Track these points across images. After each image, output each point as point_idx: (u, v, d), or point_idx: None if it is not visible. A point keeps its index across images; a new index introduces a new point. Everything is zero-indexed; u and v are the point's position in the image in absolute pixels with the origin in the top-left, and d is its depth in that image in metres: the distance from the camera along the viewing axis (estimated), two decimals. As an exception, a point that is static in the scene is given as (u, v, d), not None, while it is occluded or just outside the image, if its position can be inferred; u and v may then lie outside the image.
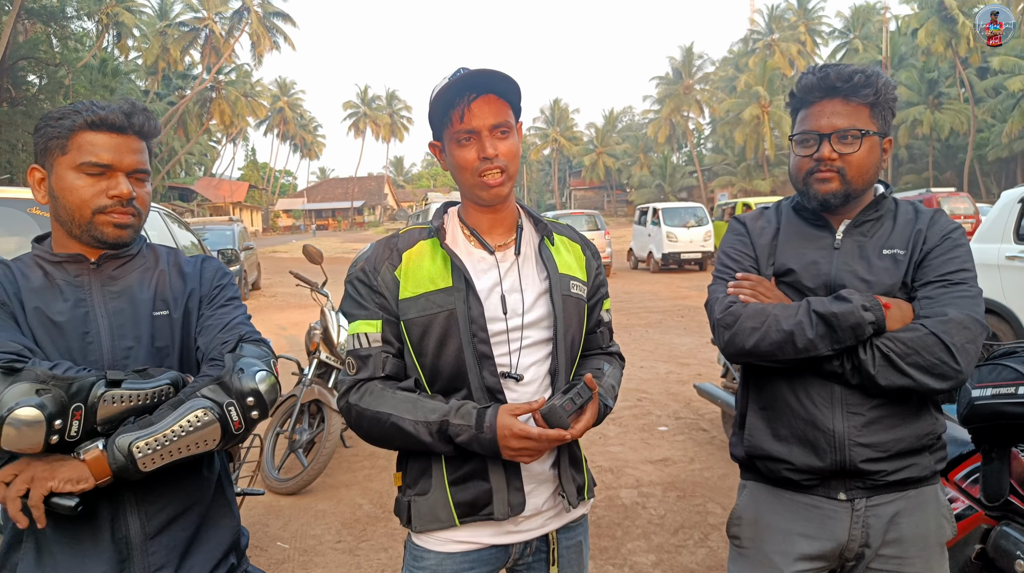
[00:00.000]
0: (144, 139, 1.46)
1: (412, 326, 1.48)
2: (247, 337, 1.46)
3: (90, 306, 1.43)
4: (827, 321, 1.49)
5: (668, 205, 21.58)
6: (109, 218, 1.41)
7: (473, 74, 1.42)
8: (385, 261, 1.53)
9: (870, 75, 1.58)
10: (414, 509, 1.52)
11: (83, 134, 1.39)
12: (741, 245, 1.75)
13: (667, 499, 4.32)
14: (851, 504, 1.61)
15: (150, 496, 1.39)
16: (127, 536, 1.37)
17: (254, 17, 45.17)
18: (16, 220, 4.16)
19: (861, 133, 1.57)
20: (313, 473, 4.49)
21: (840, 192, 1.60)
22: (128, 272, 1.49)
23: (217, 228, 16.53)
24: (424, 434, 1.42)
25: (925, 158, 47.67)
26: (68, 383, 1.21)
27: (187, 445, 1.26)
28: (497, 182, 1.47)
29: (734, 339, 1.59)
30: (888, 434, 1.57)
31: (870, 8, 53.55)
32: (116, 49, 41.00)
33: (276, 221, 66.91)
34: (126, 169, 1.42)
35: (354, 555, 3.72)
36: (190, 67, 50.19)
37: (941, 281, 1.54)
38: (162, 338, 1.47)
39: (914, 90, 44.18)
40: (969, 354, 1.46)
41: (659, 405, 6.48)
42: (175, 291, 1.52)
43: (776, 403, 1.67)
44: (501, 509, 1.47)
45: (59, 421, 1.18)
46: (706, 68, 56.77)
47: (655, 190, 53.59)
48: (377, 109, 75.21)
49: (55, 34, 24.40)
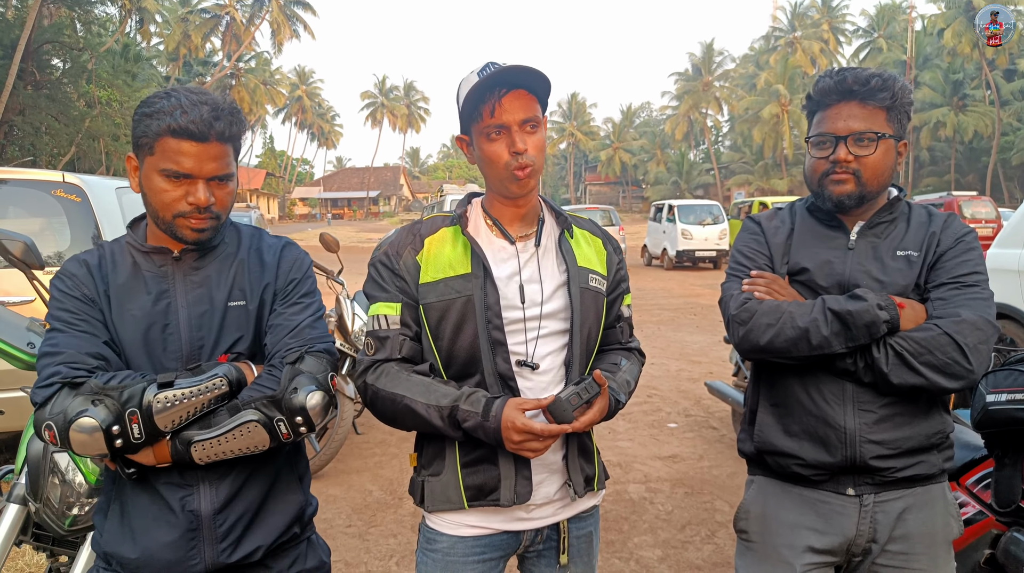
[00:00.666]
0: (228, 143, 1.48)
1: (430, 310, 1.52)
2: (311, 347, 1.50)
3: (172, 297, 1.49)
4: (842, 319, 1.51)
5: (684, 202, 21.51)
6: (188, 222, 1.46)
7: (505, 70, 1.44)
8: (408, 246, 1.56)
9: (887, 79, 1.60)
10: (427, 489, 1.56)
11: (167, 140, 1.41)
12: (756, 243, 1.77)
13: (675, 495, 4.33)
14: (859, 499, 1.64)
15: (218, 474, 1.48)
16: (197, 509, 1.46)
17: (275, 5, 45.33)
18: (41, 202, 4.22)
19: (877, 136, 1.59)
20: (325, 458, 4.54)
21: (855, 194, 1.62)
22: (208, 262, 1.54)
23: (234, 215, 16.63)
24: (435, 418, 1.45)
25: (947, 160, 47.12)
26: (120, 392, 1.34)
27: (238, 448, 1.40)
28: (526, 175, 1.50)
29: (749, 335, 1.62)
30: (898, 432, 1.60)
31: (895, 7, 52.86)
32: (138, 35, 41.34)
33: (292, 209, 67.22)
34: (206, 176, 1.45)
35: (364, 540, 3.76)
36: (211, 54, 50.48)
37: (954, 283, 1.56)
38: (237, 328, 1.52)
39: (938, 91, 43.66)
40: (981, 354, 1.48)
41: (669, 402, 6.48)
42: (253, 281, 1.56)
43: (788, 400, 1.69)
44: (507, 496, 1.49)
45: (116, 426, 1.32)
46: (726, 65, 56.33)
47: (671, 187, 53.36)
48: (395, 100, 75.28)
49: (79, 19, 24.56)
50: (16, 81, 18.78)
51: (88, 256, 1.52)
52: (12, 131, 20.78)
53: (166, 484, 1.46)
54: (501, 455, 1.50)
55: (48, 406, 1.34)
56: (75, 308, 1.45)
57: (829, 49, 53.28)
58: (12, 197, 4.39)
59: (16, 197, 4.39)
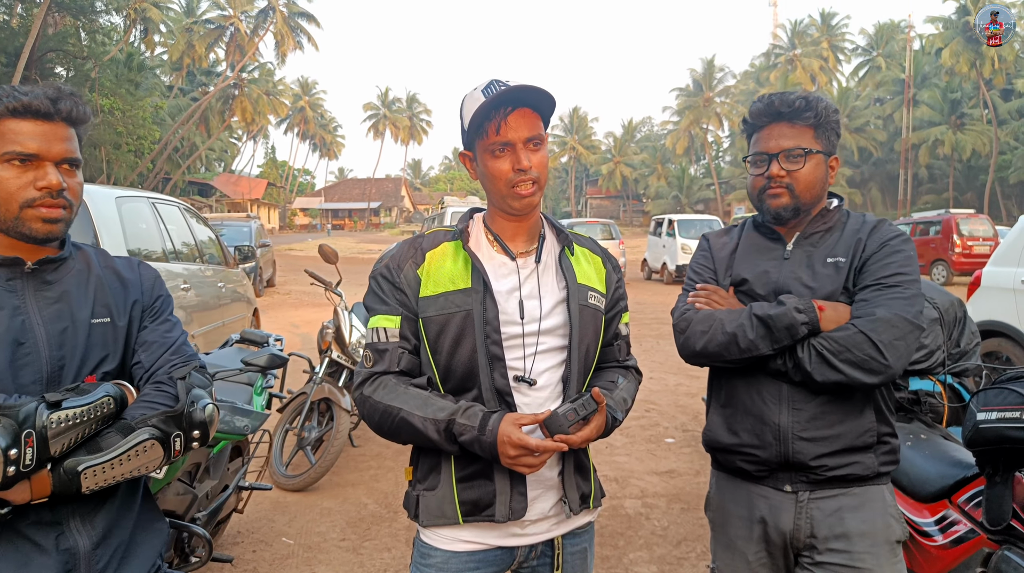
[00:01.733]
0: (73, 126, 1.39)
1: (430, 324, 1.52)
2: (196, 364, 1.49)
3: (26, 314, 1.35)
4: (765, 323, 1.65)
5: (684, 217, 21.54)
6: (37, 212, 1.33)
7: (512, 89, 1.46)
8: (409, 259, 1.58)
9: (811, 100, 1.74)
10: (422, 503, 1.55)
11: (7, 122, 1.30)
12: (704, 259, 1.94)
13: (671, 511, 4.32)
14: (795, 496, 1.75)
15: (90, 506, 1.38)
16: (73, 546, 1.35)
17: (279, 17, 45.55)
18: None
19: (805, 151, 1.73)
20: (320, 471, 4.53)
21: (790, 206, 1.75)
22: (62, 276, 1.42)
23: (235, 224, 16.69)
24: (431, 431, 1.45)
25: (945, 178, 47.30)
26: (15, 410, 1.18)
27: (131, 469, 1.30)
28: (529, 192, 1.51)
29: (687, 342, 1.79)
30: (829, 430, 1.71)
31: (894, 26, 53.20)
32: (142, 44, 41.57)
33: (293, 219, 67.33)
34: (54, 158, 1.33)
35: (357, 553, 3.75)
36: (214, 64, 50.66)
37: (876, 285, 1.66)
38: (103, 346, 1.43)
39: (936, 110, 43.89)
40: (898, 350, 1.59)
41: (667, 417, 6.48)
42: (116, 297, 1.48)
43: (733, 401, 1.83)
44: (502, 511, 1.49)
45: (14, 450, 1.15)
46: (727, 81, 56.62)
47: (672, 201, 53.48)
48: (397, 111, 75.56)
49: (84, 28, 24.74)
50: (19, 89, 18.85)
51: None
52: (14, 139, 20.86)
53: (35, 524, 1.31)
54: (496, 470, 1.50)
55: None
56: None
57: (828, 67, 53.57)
58: None
59: None
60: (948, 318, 2.43)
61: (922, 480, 2.25)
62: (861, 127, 48.39)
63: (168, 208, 5.87)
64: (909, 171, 45.28)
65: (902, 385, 2.52)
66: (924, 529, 2.18)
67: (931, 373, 2.45)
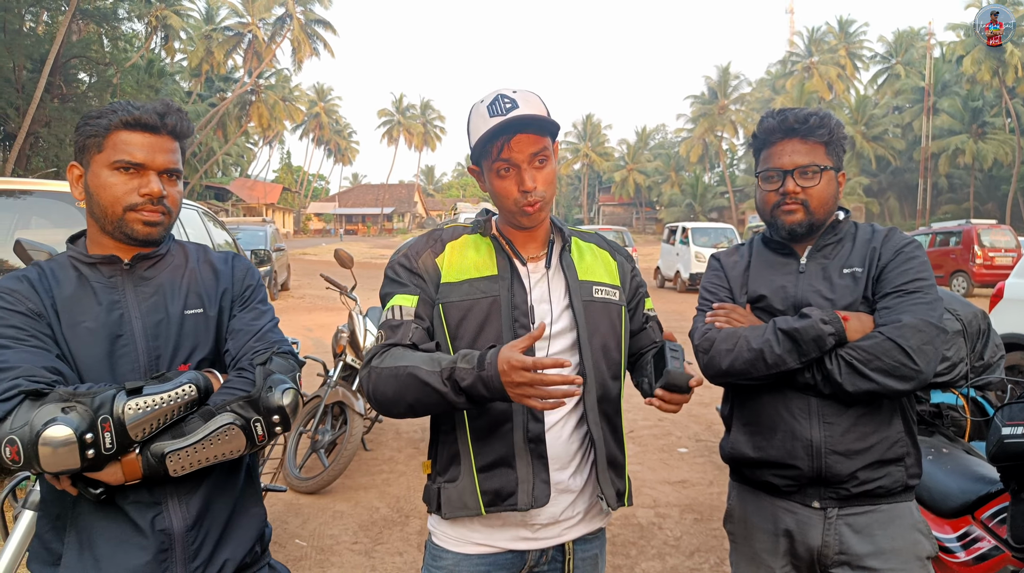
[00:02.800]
0: (177, 139, 1.49)
1: (451, 309, 1.53)
2: (277, 349, 1.50)
3: (124, 308, 1.45)
4: (791, 336, 1.65)
5: (698, 225, 21.47)
6: (139, 215, 1.43)
7: (514, 120, 1.47)
8: (428, 248, 1.60)
9: (823, 117, 1.76)
10: (444, 496, 1.54)
11: (119, 133, 1.42)
12: (717, 279, 1.95)
13: (684, 521, 4.28)
14: (824, 512, 1.74)
15: (187, 489, 1.43)
16: (168, 528, 1.40)
17: (296, 24, 45.92)
18: (64, 213, 4.28)
19: (820, 168, 1.74)
20: (333, 474, 4.54)
21: (805, 222, 1.77)
22: (160, 271, 1.52)
23: (250, 228, 16.80)
24: (438, 382, 1.37)
25: (966, 188, 46.80)
26: (91, 397, 1.25)
27: (214, 454, 1.34)
28: (536, 209, 1.53)
29: (712, 361, 1.77)
30: (861, 443, 1.70)
31: (914, 34, 52.82)
32: (163, 51, 42.03)
33: (307, 224, 67.71)
34: (158, 168, 1.45)
35: (369, 557, 3.74)
36: (232, 70, 51.12)
37: (896, 292, 1.67)
38: (195, 337, 1.50)
39: (957, 118, 43.48)
40: (927, 355, 1.59)
41: (680, 426, 6.44)
42: (208, 288, 1.55)
43: (759, 417, 1.81)
44: (524, 500, 1.48)
45: (90, 435, 1.22)
46: (742, 89, 56.37)
47: (685, 209, 53.30)
48: (411, 118, 75.85)
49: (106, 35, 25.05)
50: (43, 94, 19.14)
51: (27, 272, 1.45)
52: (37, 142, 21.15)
53: (134, 504, 1.38)
54: (519, 458, 1.49)
55: (8, 420, 1.23)
56: (21, 323, 1.36)
57: (846, 74, 53.24)
58: (36, 208, 4.46)
59: (40, 208, 4.46)
60: (972, 330, 2.39)
61: (944, 495, 2.21)
62: (879, 135, 47.98)
63: (187, 211, 5.91)
64: (928, 180, 44.84)
65: (923, 398, 2.48)
66: (946, 545, 2.15)
67: (954, 386, 2.41)
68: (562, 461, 1.54)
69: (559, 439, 1.54)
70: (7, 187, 4.45)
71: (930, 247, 19.19)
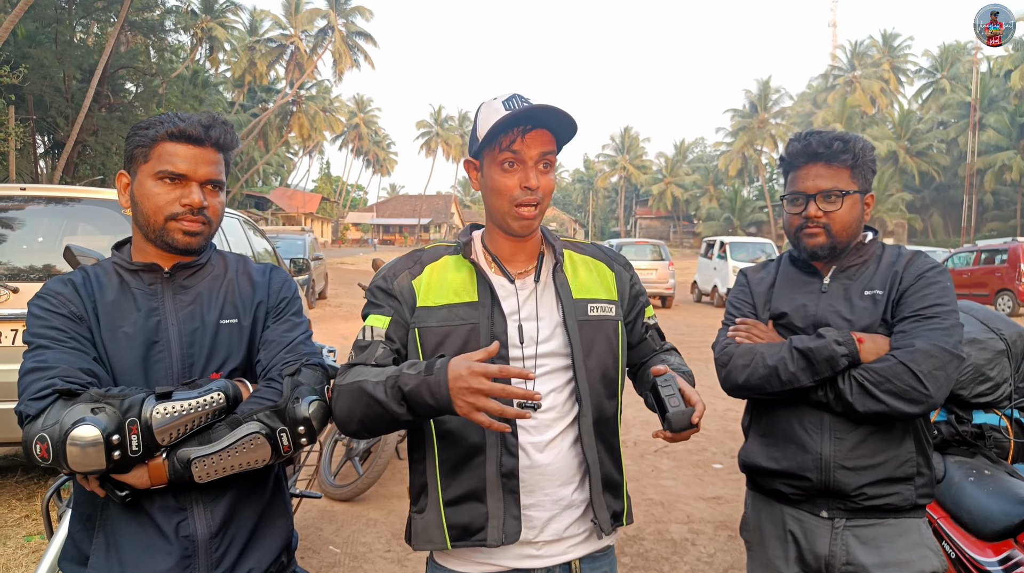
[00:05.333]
0: (221, 151, 1.52)
1: (428, 334, 1.48)
2: (307, 361, 1.51)
3: (162, 315, 1.47)
4: (805, 355, 1.69)
5: (736, 239, 21.24)
6: (180, 225, 1.46)
7: (537, 108, 1.43)
8: (405, 270, 1.56)
9: (848, 140, 1.77)
10: (413, 526, 1.52)
11: (164, 144, 1.45)
12: (742, 294, 2.00)
13: (718, 538, 4.23)
14: (831, 522, 1.79)
15: (212, 496, 1.44)
16: (193, 533, 1.41)
17: (338, 36, 46.79)
18: (111, 220, 4.42)
19: (842, 193, 1.77)
20: (367, 482, 4.59)
21: (827, 245, 1.80)
22: (199, 281, 1.54)
23: (289, 237, 17.10)
24: (380, 392, 1.32)
25: (1013, 205, 45.57)
26: (120, 400, 1.28)
27: (239, 463, 1.35)
28: (531, 215, 1.48)
29: (729, 376, 1.84)
30: (870, 460, 1.74)
31: (960, 48, 51.76)
32: (207, 62, 43.12)
33: (345, 234, 68.61)
34: (200, 179, 1.47)
35: (402, 565, 3.77)
36: (274, 81, 52.22)
37: (914, 316, 1.69)
38: (228, 346, 1.51)
39: (1004, 134, 42.38)
40: (938, 380, 1.61)
41: (715, 442, 6.36)
42: (244, 299, 1.57)
43: (774, 429, 1.87)
44: (495, 536, 1.43)
45: (116, 436, 1.24)
46: (783, 102, 55.80)
47: (723, 223, 52.82)
48: (449, 129, 76.61)
49: (153, 46, 25.84)
50: (91, 103, 19.72)
51: (72, 276, 1.49)
52: (85, 151, 21.80)
53: (160, 508, 1.39)
54: (490, 493, 1.44)
55: (41, 418, 1.26)
56: (62, 325, 1.40)
57: (890, 89, 52.40)
58: (84, 214, 4.60)
59: (88, 215, 4.60)
60: (1016, 350, 2.34)
61: (985, 517, 2.16)
62: (923, 151, 47.05)
63: (229, 220, 6.06)
64: (974, 197, 43.75)
65: (966, 418, 2.44)
66: (987, 569, 2.10)
67: (997, 406, 2.36)
68: (564, 477, 1.49)
69: (559, 454, 1.49)
70: (57, 194, 4.61)
71: (975, 265, 18.72)
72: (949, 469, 2.37)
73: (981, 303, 1.74)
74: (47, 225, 4.59)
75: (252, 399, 1.43)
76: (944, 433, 2.43)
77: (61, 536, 2.14)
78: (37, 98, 20.08)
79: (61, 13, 21.14)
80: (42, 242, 4.52)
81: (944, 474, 2.36)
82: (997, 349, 2.31)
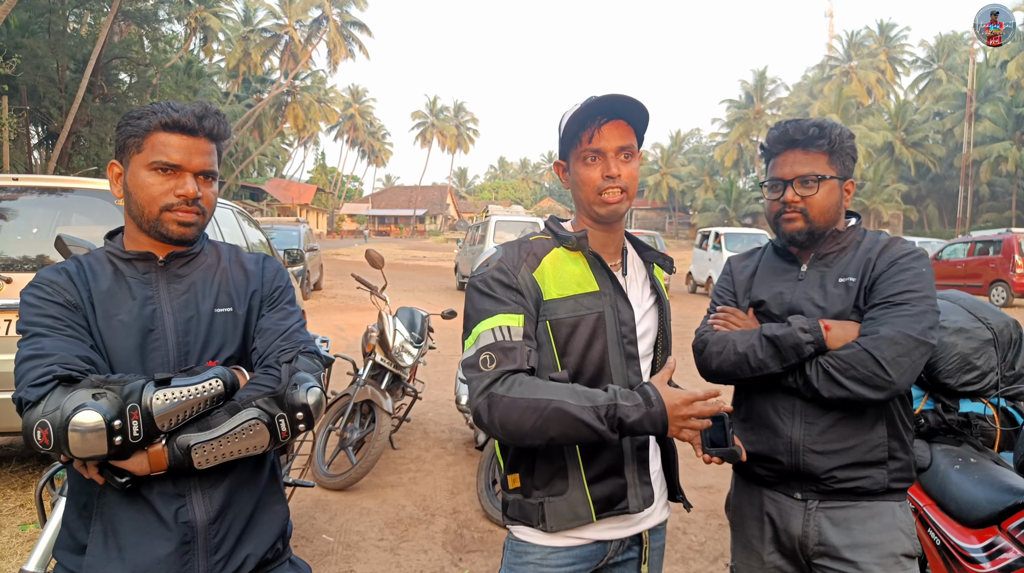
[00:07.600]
0: (214, 141, 1.53)
1: (559, 326, 1.55)
2: (303, 348, 1.54)
3: (157, 304, 1.48)
4: (773, 343, 1.74)
5: (731, 230, 21.24)
6: (174, 215, 1.47)
7: (607, 99, 1.52)
8: (523, 262, 1.57)
9: (824, 127, 1.80)
10: (548, 510, 1.55)
11: (157, 134, 1.45)
12: (725, 283, 2.05)
13: (708, 526, 4.27)
14: (804, 503, 1.83)
15: (210, 482, 1.45)
16: (192, 519, 1.42)
17: (332, 26, 46.51)
18: (104, 210, 4.41)
19: (818, 178, 1.80)
20: (361, 471, 4.61)
21: (804, 230, 1.83)
22: (193, 270, 1.55)
23: (284, 228, 17.07)
24: (592, 418, 1.39)
25: (1008, 196, 45.60)
26: (120, 386, 1.29)
27: (239, 449, 1.38)
28: (616, 199, 1.57)
29: (703, 362, 1.90)
30: (839, 444, 1.78)
31: (956, 38, 51.67)
32: (201, 52, 42.85)
33: (340, 225, 68.46)
34: (194, 170, 1.48)
35: (395, 553, 3.79)
36: (269, 71, 51.91)
37: (884, 303, 1.71)
38: (223, 334, 1.53)
39: (1000, 125, 42.36)
40: (902, 366, 1.64)
41: (708, 431, 6.39)
42: (238, 288, 1.58)
43: (752, 413, 1.92)
44: (635, 502, 1.58)
45: (118, 421, 1.25)
46: (779, 93, 55.77)
47: (719, 214, 52.78)
48: (444, 120, 76.42)
49: (147, 36, 25.71)
50: (85, 94, 19.63)
51: (65, 265, 1.49)
52: (79, 141, 21.73)
53: (159, 495, 1.40)
54: (627, 466, 1.58)
55: (41, 405, 1.26)
56: (58, 313, 1.40)
57: (886, 79, 52.36)
58: (77, 205, 4.60)
59: (81, 205, 4.59)
60: (1003, 340, 2.36)
61: (970, 505, 2.19)
62: (919, 142, 47.03)
63: (222, 211, 6.04)
64: (969, 188, 43.75)
65: (952, 407, 2.46)
66: (971, 555, 2.13)
67: (983, 395, 2.38)
68: (652, 448, 1.66)
69: None
70: (50, 185, 4.60)
71: (969, 256, 18.78)
72: (935, 457, 2.39)
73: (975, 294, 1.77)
74: (41, 215, 4.58)
75: (250, 386, 1.45)
76: (931, 421, 2.46)
77: (55, 524, 2.14)
78: (31, 88, 19.97)
79: (54, 3, 21.01)
80: (36, 233, 4.52)
81: (930, 462, 2.39)
82: (984, 338, 2.33)
